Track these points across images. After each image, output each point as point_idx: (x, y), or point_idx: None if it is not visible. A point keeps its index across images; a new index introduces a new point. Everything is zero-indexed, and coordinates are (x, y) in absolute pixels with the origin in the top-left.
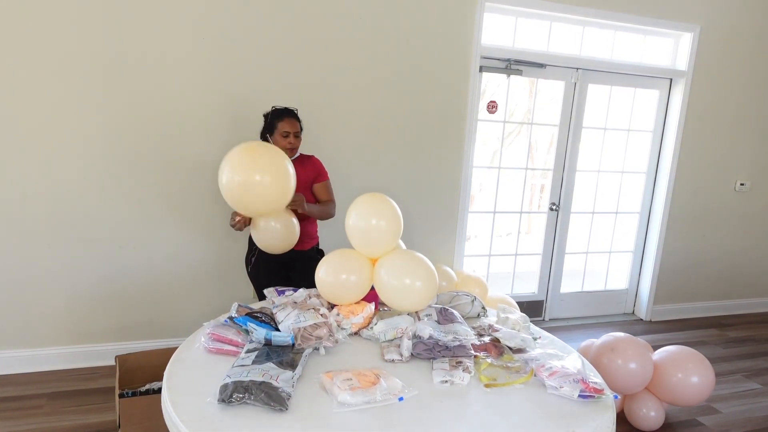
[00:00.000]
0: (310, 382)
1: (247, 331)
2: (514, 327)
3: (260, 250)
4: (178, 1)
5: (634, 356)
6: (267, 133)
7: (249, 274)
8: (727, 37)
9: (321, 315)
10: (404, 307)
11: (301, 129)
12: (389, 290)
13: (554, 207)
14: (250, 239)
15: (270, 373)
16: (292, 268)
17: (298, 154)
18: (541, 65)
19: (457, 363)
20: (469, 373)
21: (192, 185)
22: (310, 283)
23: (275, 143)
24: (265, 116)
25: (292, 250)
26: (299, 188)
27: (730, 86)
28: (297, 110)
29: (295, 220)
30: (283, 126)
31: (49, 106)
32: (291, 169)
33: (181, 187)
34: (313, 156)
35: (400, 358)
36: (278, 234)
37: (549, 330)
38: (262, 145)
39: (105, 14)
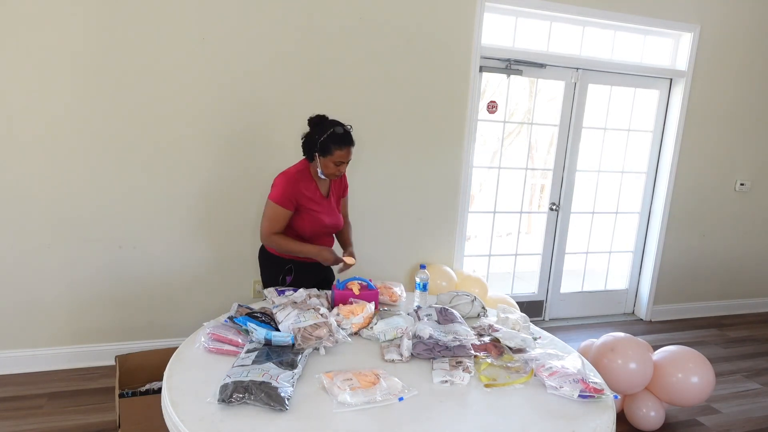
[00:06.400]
0: (310, 382)
1: (247, 331)
2: (514, 327)
3: (296, 270)
4: (181, 2)
5: (634, 356)
6: (317, 151)
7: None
8: (727, 37)
9: (321, 315)
10: None
11: None
12: None
13: (554, 207)
14: (276, 259)
15: (270, 373)
16: (322, 278)
17: None
18: (541, 65)
19: (457, 363)
20: (469, 373)
21: (193, 186)
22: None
23: (324, 166)
24: (316, 126)
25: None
26: (336, 203)
27: (730, 86)
28: (352, 128)
29: None
30: (339, 155)
31: (50, 106)
32: None
33: (182, 188)
34: None
35: (400, 358)
36: None
37: (549, 330)
38: None
39: (108, 14)
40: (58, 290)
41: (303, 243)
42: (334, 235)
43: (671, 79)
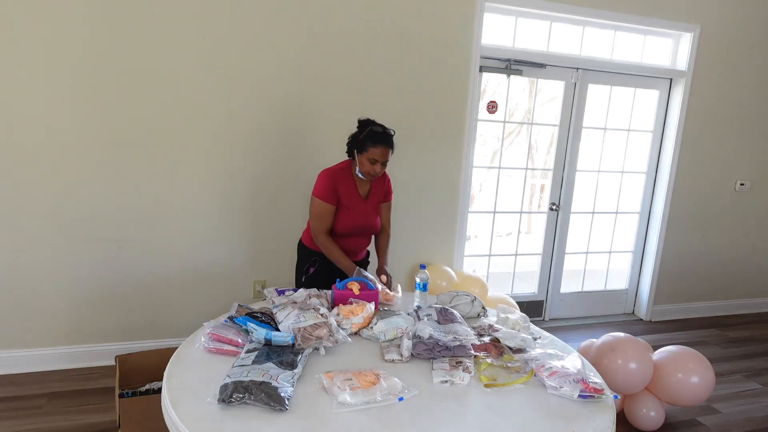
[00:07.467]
0: (310, 382)
1: (247, 331)
2: (514, 327)
3: (321, 262)
4: (180, 1)
5: (634, 356)
6: (355, 148)
7: (303, 282)
8: (727, 37)
9: (321, 315)
10: None
11: (393, 152)
12: None
13: (554, 207)
14: (305, 251)
15: (270, 373)
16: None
17: None
18: (541, 65)
19: (457, 363)
20: (469, 373)
21: (192, 185)
22: None
23: (360, 164)
24: (360, 126)
25: (351, 260)
26: (374, 206)
27: (730, 86)
28: (394, 133)
29: None
30: (374, 152)
31: (51, 106)
32: None
33: (182, 187)
34: (386, 173)
35: (400, 358)
36: None
37: (549, 330)
38: None
39: (109, 14)
40: (58, 290)
41: (343, 255)
42: (373, 238)
43: (671, 79)
